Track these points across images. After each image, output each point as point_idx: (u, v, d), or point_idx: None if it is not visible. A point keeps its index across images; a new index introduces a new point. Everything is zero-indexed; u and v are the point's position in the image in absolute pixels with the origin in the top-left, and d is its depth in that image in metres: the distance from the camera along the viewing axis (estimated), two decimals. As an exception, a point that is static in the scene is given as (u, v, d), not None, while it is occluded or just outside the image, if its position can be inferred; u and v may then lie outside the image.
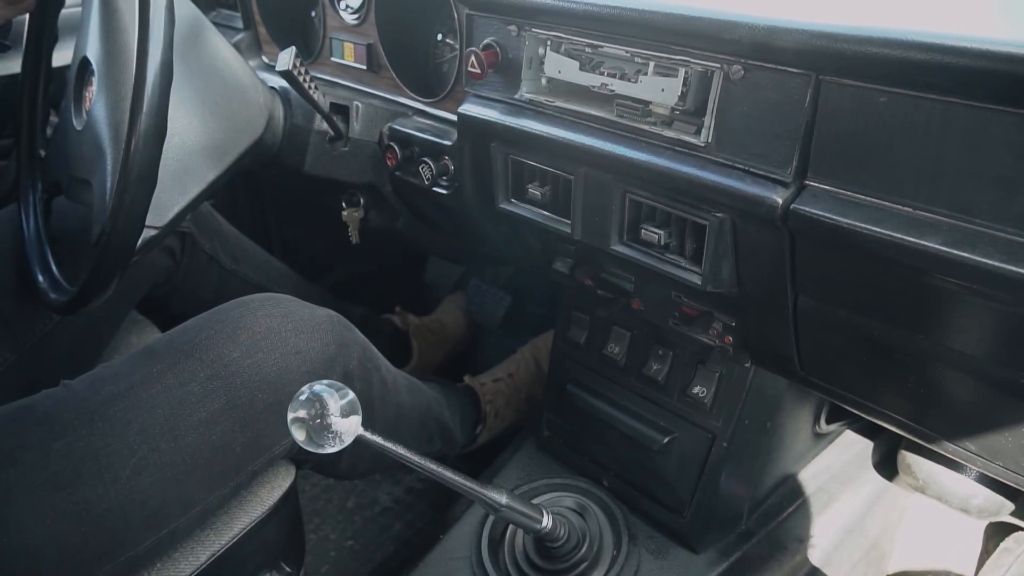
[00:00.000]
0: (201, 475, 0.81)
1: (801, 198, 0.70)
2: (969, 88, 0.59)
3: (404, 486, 1.57)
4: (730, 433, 1.02)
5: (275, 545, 0.91)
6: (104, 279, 0.81)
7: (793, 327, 0.84)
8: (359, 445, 0.68)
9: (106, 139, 0.83)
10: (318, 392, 0.65)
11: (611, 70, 0.81)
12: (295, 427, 0.65)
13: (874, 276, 0.71)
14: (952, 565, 1.25)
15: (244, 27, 1.40)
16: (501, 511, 0.84)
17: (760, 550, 1.12)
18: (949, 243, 0.61)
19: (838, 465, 1.26)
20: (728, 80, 0.73)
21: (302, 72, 1.01)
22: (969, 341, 0.70)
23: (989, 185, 0.60)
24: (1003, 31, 0.57)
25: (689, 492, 1.07)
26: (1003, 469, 0.80)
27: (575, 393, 1.17)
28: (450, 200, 1.12)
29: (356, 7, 1.18)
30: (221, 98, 0.98)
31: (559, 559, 1.02)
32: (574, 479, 1.19)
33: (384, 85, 1.19)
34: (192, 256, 1.28)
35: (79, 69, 0.92)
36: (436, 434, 1.21)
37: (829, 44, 0.64)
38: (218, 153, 0.98)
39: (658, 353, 1.06)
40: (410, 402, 1.11)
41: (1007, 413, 0.74)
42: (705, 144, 0.76)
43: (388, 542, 1.47)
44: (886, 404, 0.86)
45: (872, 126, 0.65)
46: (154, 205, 0.80)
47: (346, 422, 0.66)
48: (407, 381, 1.12)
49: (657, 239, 0.83)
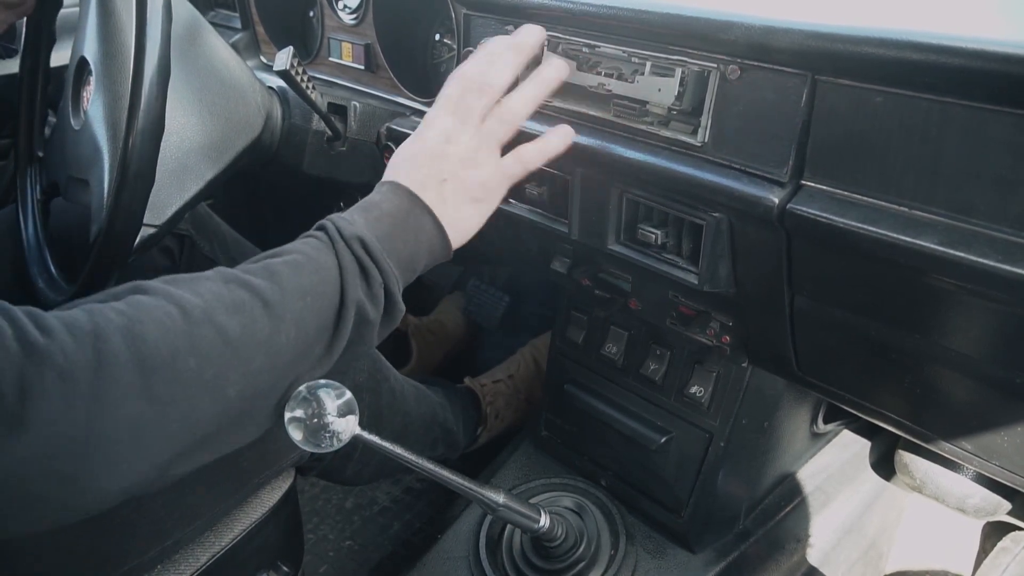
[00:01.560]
0: (207, 489, 0.82)
1: (797, 198, 0.70)
2: (966, 88, 0.59)
3: (402, 486, 1.57)
4: (728, 433, 1.03)
5: (274, 546, 0.91)
6: (102, 277, 0.81)
7: (790, 327, 0.84)
8: (357, 446, 0.68)
9: (104, 138, 0.84)
10: (315, 391, 0.65)
11: (608, 70, 0.81)
12: (292, 426, 0.65)
13: (871, 276, 0.71)
14: (949, 564, 1.25)
15: (242, 27, 1.40)
16: (498, 511, 0.84)
17: (758, 550, 1.12)
18: (946, 243, 0.62)
19: (836, 465, 1.26)
20: (725, 80, 0.73)
21: (300, 72, 1.01)
22: (966, 341, 0.70)
23: (986, 185, 0.60)
24: (1000, 31, 0.57)
25: (687, 492, 1.07)
26: (1000, 469, 0.80)
27: (573, 393, 1.17)
28: (448, 200, 1.12)
29: (354, 7, 1.18)
30: (219, 97, 0.98)
31: (557, 559, 1.02)
32: (572, 479, 1.19)
33: (382, 85, 1.19)
34: (191, 257, 1.28)
35: (77, 69, 0.93)
36: (440, 439, 1.22)
37: (825, 44, 0.64)
38: (216, 152, 0.98)
39: (656, 353, 1.06)
40: (416, 410, 1.11)
41: (1004, 413, 0.74)
42: (702, 144, 0.76)
43: (386, 542, 1.47)
44: (883, 404, 0.87)
45: (869, 126, 0.65)
46: (152, 204, 0.80)
47: (343, 421, 0.66)
48: (414, 389, 1.12)
49: (654, 239, 0.83)
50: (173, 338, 0.54)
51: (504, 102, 0.74)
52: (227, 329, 0.57)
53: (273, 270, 0.63)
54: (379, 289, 0.67)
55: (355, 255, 0.66)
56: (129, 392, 0.51)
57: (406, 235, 0.70)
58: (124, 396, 0.51)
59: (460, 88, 0.74)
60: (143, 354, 0.52)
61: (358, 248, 0.66)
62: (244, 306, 0.59)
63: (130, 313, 0.54)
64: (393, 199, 0.70)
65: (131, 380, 0.51)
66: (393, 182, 0.72)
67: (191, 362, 0.55)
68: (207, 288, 0.59)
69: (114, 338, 0.52)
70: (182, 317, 0.56)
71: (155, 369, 0.53)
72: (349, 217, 0.69)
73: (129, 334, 0.52)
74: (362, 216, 0.69)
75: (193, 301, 0.57)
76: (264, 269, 0.63)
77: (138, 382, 0.52)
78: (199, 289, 0.59)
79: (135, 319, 0.54)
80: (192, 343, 0.55)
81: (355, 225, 0.67)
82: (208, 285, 0.60)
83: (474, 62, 0.75)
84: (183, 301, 0.57)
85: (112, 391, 0.51)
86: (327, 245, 0.66)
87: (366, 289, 0.66)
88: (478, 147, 0.73)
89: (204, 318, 0.57)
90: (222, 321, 0.58)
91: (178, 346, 0.54)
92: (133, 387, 0.52)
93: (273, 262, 0.64)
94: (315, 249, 0.66)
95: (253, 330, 0.59)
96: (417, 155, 0.73)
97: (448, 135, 0.73)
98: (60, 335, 0.50)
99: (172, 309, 0.56)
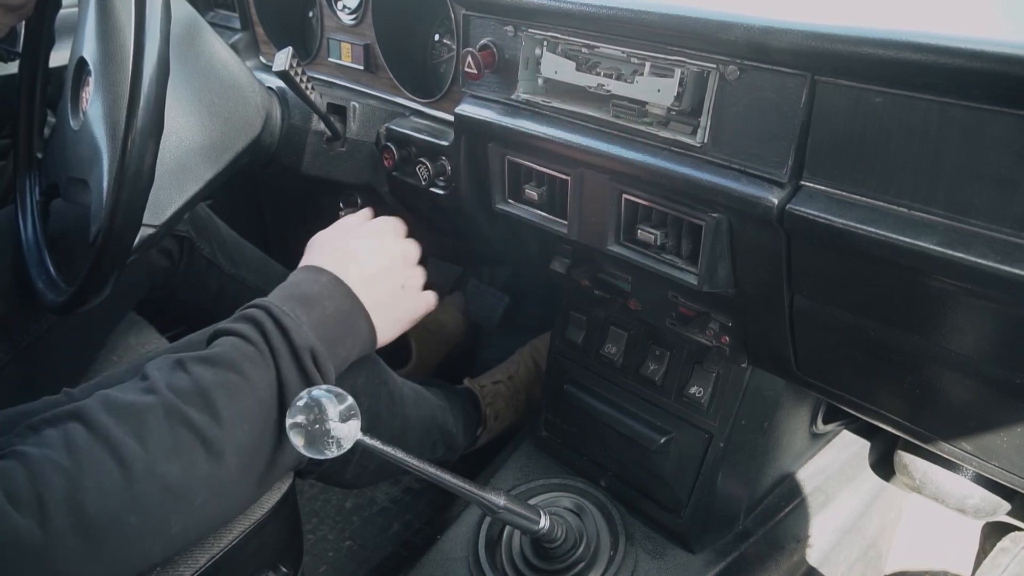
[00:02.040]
0: None
1: (797, 198, 0.70)
2: (965, 88, 0.59)
3: (402, 486, 1.57)
4: (727, 433, 1.02)
5: (273, 547, 0.91)
6: (102, 277, 0.81)
7: (790, 327, 0.84)
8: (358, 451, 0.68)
9: (103, 138, 0.83)
10: (316, 397, 0.64)
11: (607, 70, 0.81)
12: (293, 433, 0.64)
13: (870, 276, 0.71)
14: (949, 565, 1.25)
15: (242, 27, 1.40)
16: (499, 513, 0.84)
17: (757, 550, 1.12)
18: (945, 243, 0.62)
19: (835, 465, 1.26)
20: (724, 80, 0.73)
21: (299, 72, 1.01)
22: (965, 341, 0.70)
23: (986, 185, 0.60)
24: (1000, 31, 0.57)
25: (686, 492, 1.07)
26: (999, 469, 0.80)
27: (573, 393, 1.17)
28: (447, 200, 1.12)
29: (353, 8, 1.18)
30: (218, 97, 0.98)
31: (556, 559, 1.02)
32: (572, 479, 1.19)
33: (381, 85, 1.19)
34: (191, 259, 1.28)
35: (76, 70, 0.93)
36: (439, 441, 1.22)
37: (825, 44, 0.64)
38: (215, 152, 0.98)
39: (655, 353, 1.06)
40: (416, 414, 1.11)
41: (1003, 413, 0.74)
42: (701, 144, 0.76)
43: (386, 542, 1.47)
44: (883, 404, 0.87)
45: (868, 126, 0.65)
46: (151, 204, 0.79)
47: (345, 427, 0.65)
48: (413, 392, 1.12)
49: (653, 239, 0.83)
50: (115, 502, 0.58)
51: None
52: (167, 477, 0.61)
53: (210, 399, 0.64)
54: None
55: (303, 368, 0.69)
56: (75, 555, 0.57)
57: (346, 338, 0.76)
58: (70, 558, 0.57)
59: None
60: (86, 522, 0.57)
61: (308, 361, 0.69)
62: (184, 447, 0.62)
63: (71, 472, 0.57)
64: (336, 297, 0.76)
65: (76, 546, 0.57)
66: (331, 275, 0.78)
67: (132, 519, 0.59)
68: (149, 431, 0.61)
69: (58, 513, 0.56)
70: (123, 476, 0.59)
71: (99, 531, 0.57)
72: (292, 315, 0.71)
73: (71, 504, 0.56)
74: (306, 314, 0.72)
75: (135, 452, 0.60)
76: (200, 397, 0.64)
77: (83, 546, 0.57)
78: (141, 432, 0.61)
79: (76, 482, 0.57)
80: (134, 502, 0.59)
81: (302, 329, 0.70)
82: (151, 425, 0.61)
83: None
84: (124, 452, 0.59)
85: (59, 556, 0.56)
86: (265, 357, 0.68)
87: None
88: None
89: (146, 473, 0.60)
90: (163, 471, 0.61)
91: (119, 508, 0.58)
92: (78, 551, 0.57)
93: (208, 384, 0.65)
94: (252, 364, 0.67)
95: (194, 471, 0.62)
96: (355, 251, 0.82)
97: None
98: (3, 507, 0.55)
99: (112, 467, 0.59)
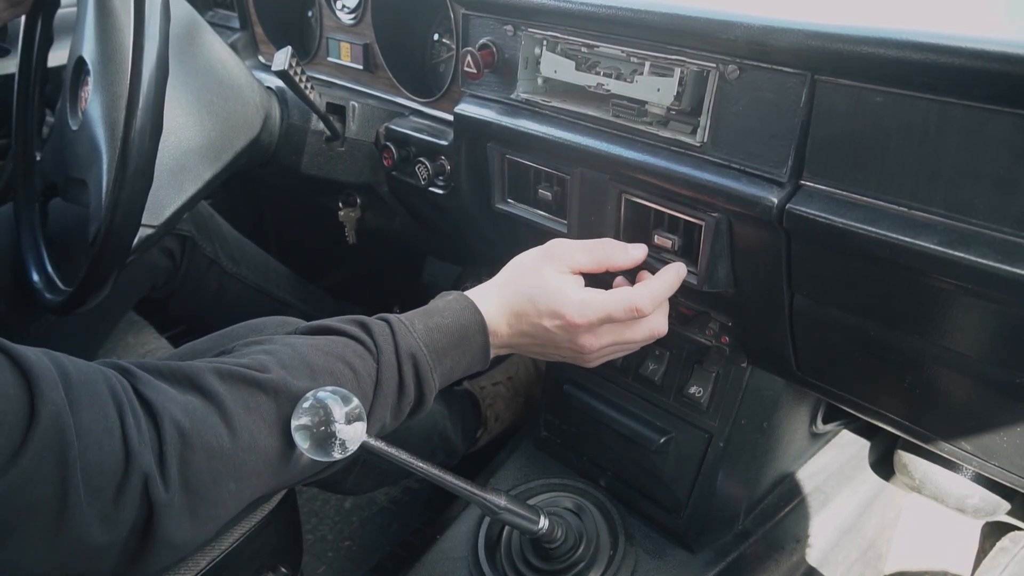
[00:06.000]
0: None
1: (797, 198, 0.70)
2: (965, 88, 0.59)
3: (401, 487, 1.57)
4: (727, 433, 1.02)
5: (273, 548, 0.91)
6: (101, 277, 0.81)
7: (789, 327, 0.84)
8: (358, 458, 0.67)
9: (102, 137, 0.83)
10: (322, 399, 0.63)
11: (607, 70, 0.81)
12: (299, 435, 0.63)
13: (870, 276, 0.71)
14: (949, 565, 1.25)
15: (241, 27, 1.40)
16: (499, 513, 0.84)
17: (757, 550, 1.12)
18: (945, 243, 0.61)
19: (835, 465, 1.26)
20: (724, 80, 0.73)
21: (298, 72, 1.01)
22: (965, 341, 0.70)
23: (986, 185, 0.60)
24: (1000, 31, 0.57)
25: (686, 492, 1.06)
26: (999, 469, 0.80)
27: (572, 393, 1.17)
28: (446, 200, 1.12)
29: (353, 7, 1.18)
30: (217, 97, 0.98)
31: (556, 559, 1.02)
32: (571, 479, 1.18)
33: (381, 85, 1.19)
34: (192, 258, 1.28)
35: (75, 69, 0.92)
36: (439, 447, 1.22)
37: (825, 44, 0.64)
38: (214, 152, 0.97)
39: (655, 353, 1.06)
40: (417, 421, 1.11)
41: (1003, 413, 0.74)
42: (701, 144, 0.76)
43: (385, 542, 1.47)
44: (882, 404, 0.86)
45: (868, 126, 0.65)
46: (151, 204, 0.79)
47: (351, 429, 0.63)
48: None
49: (671, 244, 0.83)
50: (219, 464, 0.60)
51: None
52: (270, 452, 0.63)
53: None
54: (407, 406, 0.72)
55: (400, 374, 0.70)
56: (181, 523, 0.59)
57: (457, 352, 0.76)
58: (179, 515, 0.59)
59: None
60: (190, 486, 0.59)
61: (408, 368, 0.70)
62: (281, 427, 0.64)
63: (188, 431, 0.59)
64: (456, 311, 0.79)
65: (183, 503, 0.59)
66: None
67: (231, 486, 0.61)
68: (258, 404, 0.63)
69: (172, 466, 0.58)
70: (231, 441, 0.61)
71: (199, 496, 0.60)
72: (408, 321, 0.73)
73: (182, 462, 0.58)
74: (423, 322, 0.74)
75: (242, 421, 0.61)
76: (311, 379, 0.66)
77: (187, 518, 0.59)
78: (251, 404, 0.63)
79: (189, 437, 0.59)
80: (236, 469, 0.61)
81: (414, 335, 0.72)
82: (259, 399, 0.63)
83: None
84: (233, 420, 0.61)
85: (171, 513, 0.58)
86: (372, 355, 0.70)
87: (395, 404, 0.71)
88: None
89: (250, 443, 0.61)
90: (264, 445, 0.63)
91: (221, 472, 0.60)
92: (185, 508, 0.59)
93: (319, 370, 0.67)
94: (361, 360, 0.69)
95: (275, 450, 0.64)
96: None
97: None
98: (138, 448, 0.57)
99: (222, 430, 0.61)
